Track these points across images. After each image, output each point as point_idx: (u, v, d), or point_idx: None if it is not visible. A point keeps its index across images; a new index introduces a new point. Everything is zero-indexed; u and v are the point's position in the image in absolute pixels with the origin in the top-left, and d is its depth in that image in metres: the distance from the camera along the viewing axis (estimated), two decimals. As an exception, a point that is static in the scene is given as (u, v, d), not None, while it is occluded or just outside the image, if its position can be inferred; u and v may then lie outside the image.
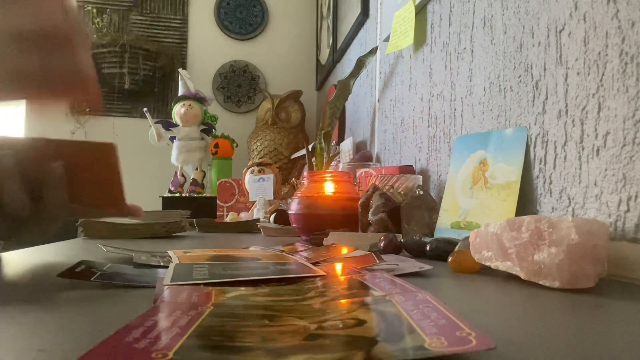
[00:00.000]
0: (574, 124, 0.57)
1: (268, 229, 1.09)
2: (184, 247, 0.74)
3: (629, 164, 0.48)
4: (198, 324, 0.23)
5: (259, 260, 0.49)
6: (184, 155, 2.15)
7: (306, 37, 2.83)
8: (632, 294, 0.37)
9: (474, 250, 0.47)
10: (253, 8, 2.77)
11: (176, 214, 1.16)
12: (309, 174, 0.93)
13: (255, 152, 2.42)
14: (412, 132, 1.12)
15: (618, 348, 0.23)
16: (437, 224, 0.79)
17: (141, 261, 0.49)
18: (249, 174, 1.65)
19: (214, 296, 0.31)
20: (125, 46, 2.43)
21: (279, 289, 0.35)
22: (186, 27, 2.71)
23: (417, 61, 1.11)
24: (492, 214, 0.68)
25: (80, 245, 0.76)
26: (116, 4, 2.62)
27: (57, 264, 0.51)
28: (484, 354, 0.21)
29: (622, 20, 0.50)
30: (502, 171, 0.69)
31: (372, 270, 0.43)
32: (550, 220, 0.39)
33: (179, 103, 2.17)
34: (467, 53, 0.85)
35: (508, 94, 0.72)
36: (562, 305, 0.33)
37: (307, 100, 2.67)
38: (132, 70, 2.46)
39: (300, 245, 0.70)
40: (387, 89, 1.33)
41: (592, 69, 0.54)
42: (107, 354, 0.18)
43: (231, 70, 2.73)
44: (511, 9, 0.71)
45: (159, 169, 2.51)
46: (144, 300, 0.33)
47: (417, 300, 0.27)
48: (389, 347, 0.19)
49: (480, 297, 0.36)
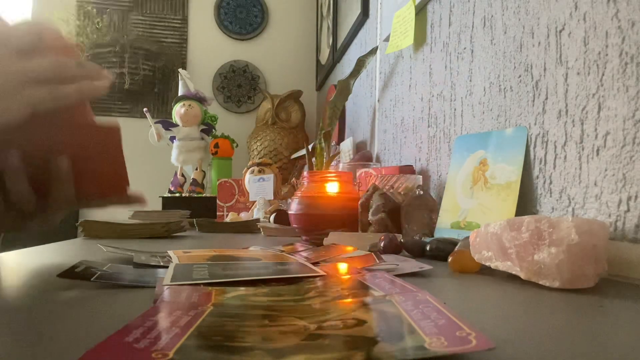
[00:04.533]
0: (574, 124, 0.57)
1: (268, 229, 1.09)
2: (184, 247, 0.74)
3: (629, 164, 0.48)
4: (198, 324, 0.23)
5: (259, 260, 0.49)
6: (184, 155, 2.15)
7: (306, 37, 2.82)
8: (632, 294, 0.37)
9: (474, 250, 0.47)
10: (253, 8, 2.77)
11: (176, 214, 1.16)
12: (309, 174, 0.93)
13: (255, 152, 2.42)
14: (412, 132, 1.12)
15: (618, 348, 0.23)
16: (437, 224, 0.79)
17: (141, 261, 0.49)
18: (249, 174, 1.64)
19: (214, 296, 0.31)
20: (125, 46, 2.43)
21: (279, 289, 0.35)
22: (186, 27, 2.71)
23: (417, 61, 1.11)
24: (492, 214, 0.68)
25: (80, 245, 0.76)
26: (116, 4, 2.63)
27: (57, 264, 0.51)
28: (484, 354, 0.21)
29: (622, 20, 0.50)
30: (502, 171, 0.69)
31: (372, 270, 0.43)
32: (550, 220, 0.39)
33: (179, 103, 2.17)
34: (467, 53, 0.85)
35: (508, 94, 0.72)
36: (562, 305, 0.33)
37: (307, 100, 2.67)
38: (132, 70, 2.46)
39: (300, 245, 0.70)
40: (387, 89, 1.33)
41: (592, 69, 0.54)
42: (107, 354, 0.18)
43: (231, 70, 2.73)
44: (511, 9, 0.71)
45: (159, 169, 2.51)
46: (144, 300, 0.33)
47: (417, 300, 0.27)
48: (389, 347, 0.19)
49: (480, 297, 0.36)
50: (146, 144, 2.31)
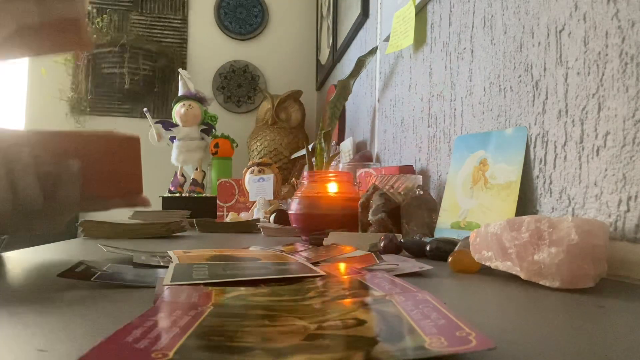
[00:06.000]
0: (574, 124, 0.57)
1: (268, 229, 1.09)
2: (184, 247, 0.74)
3: (629, 164, 0.48)
4: (198, 324, 0.23)
5: (259, 260, 0.49)
6: (184, 155, 2.15)
7: (306, 37, 2.82)
8: (632, 294, 0.37)
9: (474, 250, 0.47)
10: (253, 8, 2.77)
11: (176, 214, 1.16)
12: (309, 174, 0.93)
13: (255, 152, 2.42)
14: (412, 132, 1.12)
15: (618, 348, 0.23)
16: (437, 224, 0.79)
17: (141, 261, 0.49)
18: (249, 174, 1.65)
19: (214, 296, 0.31)
20: (125, 46, 2.43)
21: (279, 289, 0.35)
22: (186, 27, 2.71)
23: (417, 61, 1.11)
24: (492, 214, 0.68)
25: (80, 245, 0.76)
26: (116, 4, 2.62)
27: (57, 264, 0.51)
28: (484, 354, 0.21)
29: (622, 20, 0.50)
30: (502, 171, 0.69)
31: (372, 270, 0.43)
32: (550, 220, 0.39)
33: (179, 103, 2.17)
34: (467, 53, 0.85)
35: (508, 94, 0.72)
36: (562, 305, 0.33)
37: (307, 100, 2.67)
38: (132, 70, 2.46)
39: (300, 245, 0.70)
40: (387, 89, 1.33)
41: (592, 69, 0.54)
42: (107, 354, 0.18)
43: (231, 70, 2.73)
44: (511, 9, 0.71)
45: (159, 169, 2.51)
46: (144, 300, 0.33)
47: (417, 300, 0.27)
48: (389, 347, 0.19)
49: (480, 297, 0.36)
50: (146, 144, 2.30)
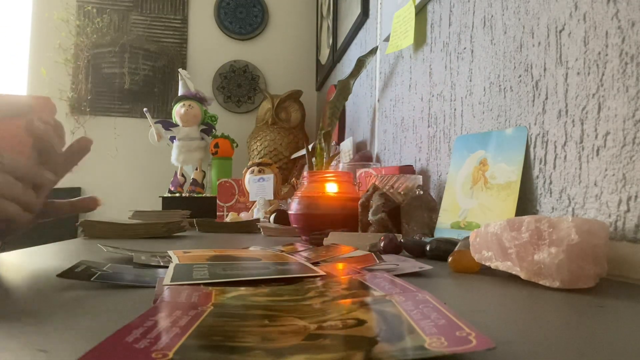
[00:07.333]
0: (574, 124, 0.57)
1: (268, 229, 1.09)
2: (184, 247, 0.74)
3: (629, 164, 0.48)
4: (198, 324, 0.23)
5: (259, 260, 0.49)
6: (184, 155, 2.15)
7: (306, 37, 2.82)
8: (632, 294, 0.37)
9: (474, 250, 0.47)
10: (253, 8, 2.77)
11: (176, 214, 1.16)
12: (309, 174, 0.93)
13: (255, 152, 2.42)
14: (412, 132, 1.12)
15: (618, 348, 0.23)
16: (437, 224, 0.79)
17: (141, 261, 0.49)
18: (249, 174, 1.65)
19: (214, 296, 0.31)
20: (125, 46, 2.43)
21: (279, 289, 0.35)
22: (186, 27, 2.71)
23: (417, 61, 1.11)
24: (492, 214, 0.68)
25: (80, 245, 0.76)
26: (116, 4, 2.62)
27: (57, 264, 0.51)
28: (484, 354, 0.21)
29: (622, 20, 0.50)
30: (502, 171, 0.69)
31: (372, 270, 0.43)
32: (550, 220, 0.39)
33: (179, 103, 2.17)
34: (467, 53, 0.85)
35: (508, 94, 0.72)
36: (562, 305, 0.33)
37: (307, 100, 2.67)
38: (132, 70, 2.46)
39: (300, 245, 0.70)
40: (387, 89, 1.33)
41: (592, 69, 0.54)
42: (107, 354, 0.18)
43: (231, 70, 2.73)
44: (511, 9, 0.71)
45: (159, 169, 2.51)
46: (144, 300, 0.33)
47: (417, 300, 0.27)
48: (389, 347, 0.19)
49: (480, 297, 0.36)
50: (146, 144, 2.31)
